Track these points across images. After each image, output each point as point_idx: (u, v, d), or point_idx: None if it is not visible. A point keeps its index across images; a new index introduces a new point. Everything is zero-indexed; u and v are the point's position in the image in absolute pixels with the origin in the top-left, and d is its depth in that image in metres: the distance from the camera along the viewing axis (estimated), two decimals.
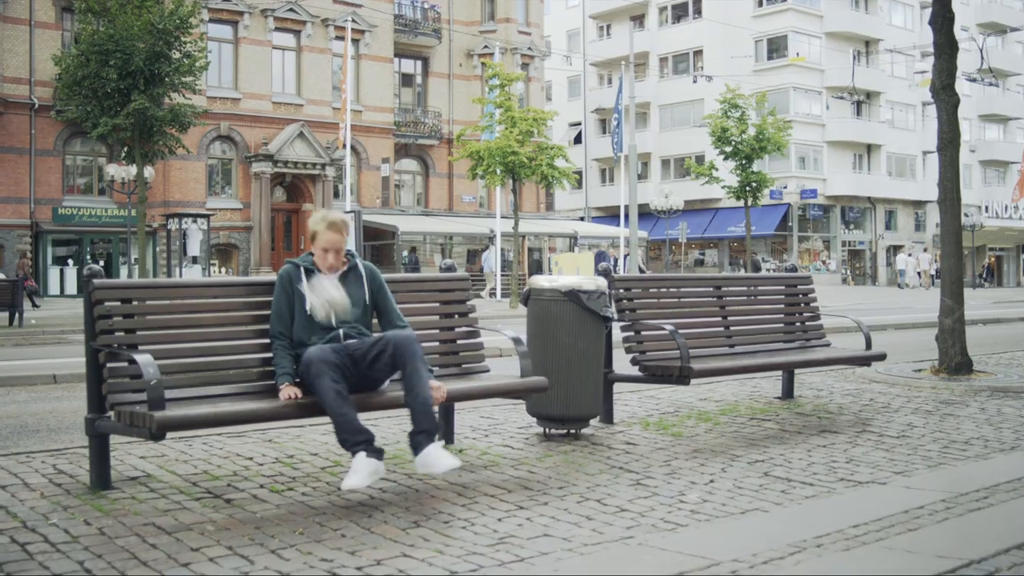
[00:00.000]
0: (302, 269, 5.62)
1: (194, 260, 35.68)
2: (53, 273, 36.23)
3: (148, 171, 30.60)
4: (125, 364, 5.10)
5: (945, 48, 10.67)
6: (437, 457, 5.14)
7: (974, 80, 45.65)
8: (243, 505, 5.04)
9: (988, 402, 8.86)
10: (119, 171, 31.58)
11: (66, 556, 4.18)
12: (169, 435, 5.06)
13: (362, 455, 5.09)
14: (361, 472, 5.05)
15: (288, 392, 5.30)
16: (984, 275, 60.20)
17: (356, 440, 5.13)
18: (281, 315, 5.55)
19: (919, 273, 54.99)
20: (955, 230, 10.77)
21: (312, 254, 5.72)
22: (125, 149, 29.85)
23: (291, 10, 40.69)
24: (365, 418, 7.30)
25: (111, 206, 36.53)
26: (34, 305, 29.65)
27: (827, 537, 4.50)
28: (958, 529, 4.69)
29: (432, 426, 5.23)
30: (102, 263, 35.86)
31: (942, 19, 10.68)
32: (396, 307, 5.84)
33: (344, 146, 35.87)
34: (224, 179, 40.20)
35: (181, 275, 34.78)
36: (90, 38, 27.17)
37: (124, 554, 4.21)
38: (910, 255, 56.50)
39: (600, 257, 39.03)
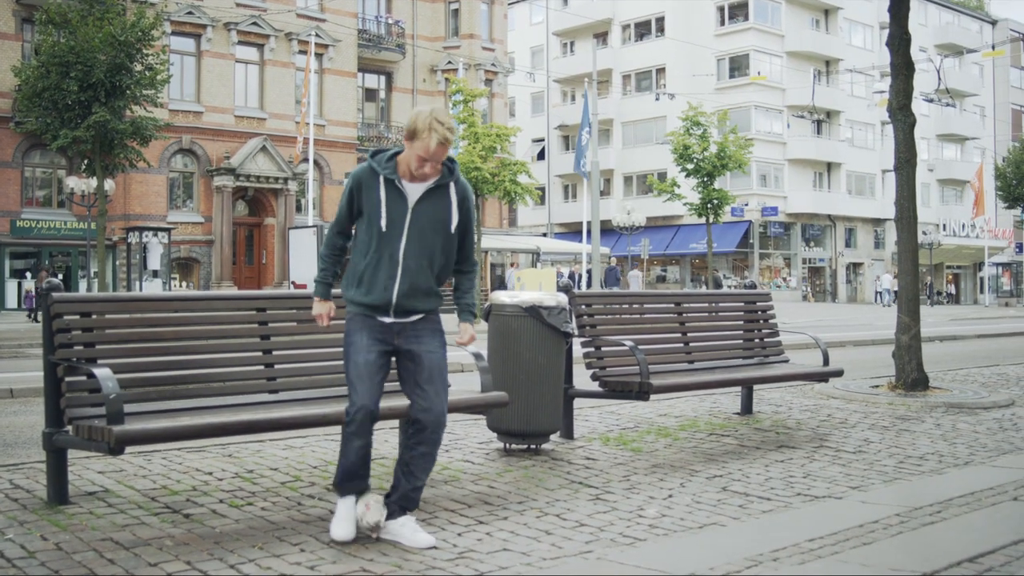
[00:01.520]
0: (381, 179, 4.74)
1: (154, 274, 35.42)
2: (11, 286, 35.85)
3: (108, 184, 30.39)
4: (84, 378, 5.07)
5: (902, 69, 10.83)
6: (414, 532, 4.67)
7: (931, 100, 46.25)
8: (202, 520, 5.02)
9: (943, 418, 8.97)
10: (79, 184, 31.32)
11: (22, 572, 4.15)
12: (128, 450, 5.03)
13: (351, 499, 4.74)
14: (350, 520, 4.71)
15: (322, 310, 4.96)
16: (930, 293, 60.82)
17: (354, 488, 4.75)
18: (340, 219, 4.88)
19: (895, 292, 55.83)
20: (912, 248, 10.91)
21: (397, 153, 4.82)
22: (85, 161, 29.65)
23: (254, 24, 40.56)
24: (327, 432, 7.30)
25: (70, 219, 36.18)
26: None
27: (783, 551, 4.55)
28: (912, 543, 4.76)
29: (413, 506, 4.78)
30: (61, 276, 35.55)
31: (899, 40, 10.84)
32: (473, 245, 5.05)
33: (301, 160, 35.74)
34: (185, 193, 39.95)
35: (141, 289, 34.51)
36: (51, 49, 27.00)
37: (81, 570, 4.19)
38: (887, 273, 57.21)
39: (611, 273, 39.14)
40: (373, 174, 4.75)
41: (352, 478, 4.72)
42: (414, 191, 4.74)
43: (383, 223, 4.70)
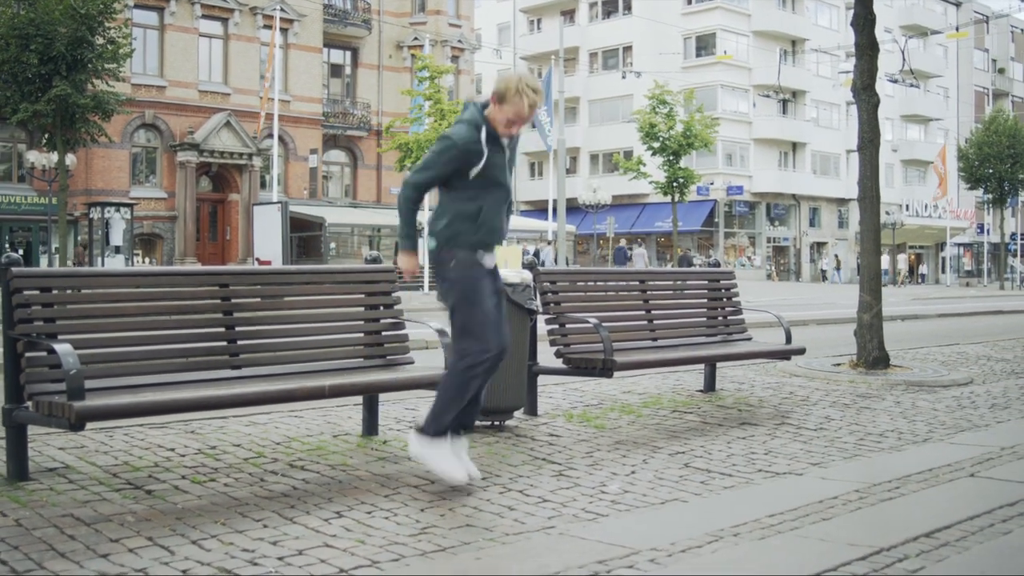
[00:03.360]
0: (483, 131, 5.18)
1: (117, 250, 35.11)
2: None
3: (70, 158, 30.09)
4: (44, 354, 5.02)
5: (866, 49, 10.88)
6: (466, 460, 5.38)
7: (896, 81, 46.57)
8: (164, 496, 5.00)
9: (903, 396, 9.07)
10: (40, 158, 30.98)
11: None
12: (89, 426, 5.00)
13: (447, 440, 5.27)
14: (459, 464, 5.25)
15: (412, 264, 5.28)
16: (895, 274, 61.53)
17: (448, 428, 5.27)
18: (439, 177, 5.22)
19: (900, 271, 57.84)
20: (874, 228, 10.99)
21: (485, 107, 5.28)
22: (46, 136, 29.32)
23: None
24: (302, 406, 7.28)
25: (31, 194, 35.81)
26: None
27: (744, 526, 4.60)
28: (870, 518, 4.81)
29: (472, 424, 5.55)
30: (21, 252, 35.18)
31: (863, 20, 10.89)
32: None
33: (262, 133, 35.44)
34: (148, 168, 39.61)
35: (103, 265, 34.21)
36: (10, 21, 26.65)
37: (42, 545, 4.16)
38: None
39: (620, 252, 39.11)
40: (477, 131, 5.17)
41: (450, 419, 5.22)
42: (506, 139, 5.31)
43: (492, 172, 5.22)
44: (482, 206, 5.18)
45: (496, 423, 7.06)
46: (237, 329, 5.89)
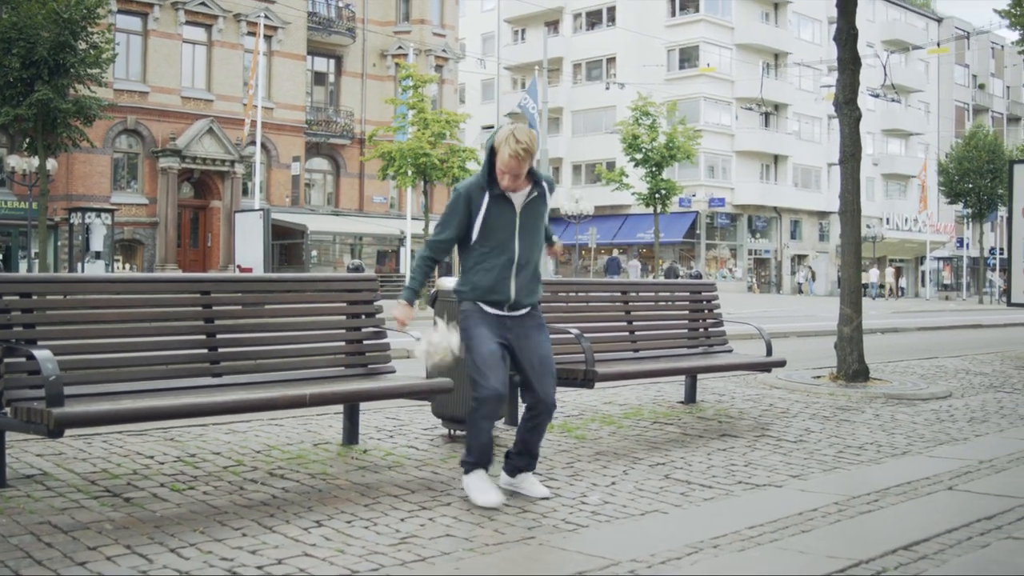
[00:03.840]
0: (486, 192, 5.23)
1: (97, 255, 34.94)
2: None
3: (51, 163, 29.94)
4: (23, 359, 4.99)
5: (848, 63, 10.94)
6: (533, 484, 5.46)
7: (877, 95, 46.81)
8: (143, 504, 4.98)
9: (883, 409, 9.10)
10: (20, 162, 30.81)
11: None
12: (68, 433, 4.98)
13: (483, 472, 5.33)
14: (492, 488, 5.28)
15: (404, 313, 5.43)
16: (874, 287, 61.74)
17: (488, 462, 5.35)
18: (447, 226, 5.34)
19: (882, 285, 58.45)
20: (855, 241, 11.04)
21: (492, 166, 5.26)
22: (27, 140, 29.17)
23: (203, 3, 40.06)
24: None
25: (11, 198, 35.58)
26: None
27: (723, 538, 4.61)
28: (849, 530, 4.83)
29: (532, 468, 5.51)
30: (1, 257, 35.00)
31: (846, 35, 10.96)
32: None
33: (245, 140, 35.33)
34: (130, 174, 39.43)
35: (83, 271, 34.04)
36: None
37: (18, 553, 4.14)
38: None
39: (614, 262, 39.02)
40: (480, 189, 5.26)
41: (486, 453, 5.28)
42: (518, 199, 5.29)
43: (495, 232, 5.25)
44: (490, 271, 5.26)
45: None
46: (218, 337, 5.88)
